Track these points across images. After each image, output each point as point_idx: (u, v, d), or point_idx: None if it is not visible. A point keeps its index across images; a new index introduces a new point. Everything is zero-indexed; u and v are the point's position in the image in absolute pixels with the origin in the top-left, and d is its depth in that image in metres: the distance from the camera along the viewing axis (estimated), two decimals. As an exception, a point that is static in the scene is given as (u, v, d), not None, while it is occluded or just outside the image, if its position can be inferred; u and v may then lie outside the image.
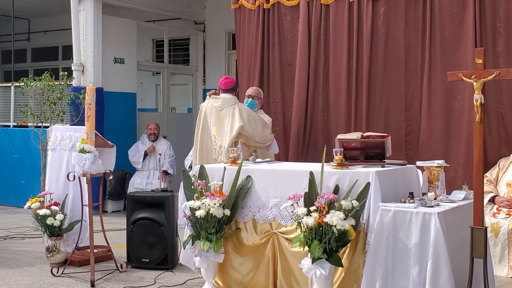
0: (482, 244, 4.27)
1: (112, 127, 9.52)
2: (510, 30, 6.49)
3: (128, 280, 5.82)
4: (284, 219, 4.98)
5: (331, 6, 7.42)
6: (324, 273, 4.53)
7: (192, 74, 12.00)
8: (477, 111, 4.32)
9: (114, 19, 10.26)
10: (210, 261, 5.15)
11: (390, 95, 7.09)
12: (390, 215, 4.43)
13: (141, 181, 9.63)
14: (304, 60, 7.52)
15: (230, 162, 5.39)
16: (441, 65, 6.73)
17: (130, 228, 6.31)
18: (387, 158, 5.10)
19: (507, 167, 6.37)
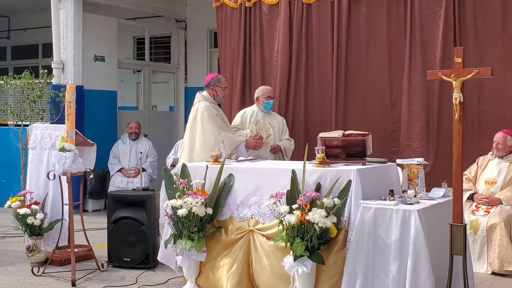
0: (461, 241, 4.32)
1: (93, 125, 9.46)
2: (488, 29, 6.56)
3: (109, 280, 5.80)
4: (262, 217, 4.99)
5: (313, 6, 7.44)
6: (306, 271, 4.55)
7: (174, 72, 11.96)
8: (456, 109, 4.37)
9: (94, 17, 10.20)
10: (192, 260, 5.15)
11: (375, 93, 7.13)
12: (371, 213, 4.47)
13: (122, 180, 9.58)
14: (285, 59, 7.53)
15: (212, 160, 5.40)
16: (420, 64, 6.78)
17: (111, 227, 6.28)
18: (368, 156, 5.14)
19: (485, 165, 6.44)
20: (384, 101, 7.08)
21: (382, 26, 7.08)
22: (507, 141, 6.32)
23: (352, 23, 7.22)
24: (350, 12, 7.22)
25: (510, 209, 6.06)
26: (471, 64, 5.42)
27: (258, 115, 6.84)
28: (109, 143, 9.83)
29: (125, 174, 9.63)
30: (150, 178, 9.64)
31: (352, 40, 7.24)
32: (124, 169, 9.67)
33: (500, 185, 6.27)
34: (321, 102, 7.44)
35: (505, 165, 6.31)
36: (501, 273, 5.87)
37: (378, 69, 7.12)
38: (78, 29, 9.50)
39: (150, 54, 11.80)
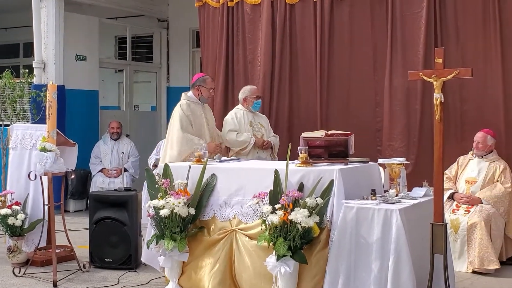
0: (442, 240, 4.36)
1: (74, 125, 9.40)
2: (469, 29, 6.61)
3: (91, 280, 5.77)
4: (245, 217, 5.00)
5: (296, 6, 7.46)
6: (288, 270, 4.57)
7: (156, 71, 11.92)
8: (437, 109, 4.41)
9: (76, 16, 10.13)
10: (175, 260, 5.15)
11: (360, 93, 7.16)
12: (353, 212, 4.49)
13: (103, 180, 9.53)
14: (268, 59, 7.54)
15: (195, 160, 5.39)
16: (402, 64, 6.83)
17: (93, 228, 6.25)
18: (353, 155, 5.17)
19: (466, 164, 6.50)
20: (369, 100, 7.11)
21: (365, 26, 7.11)
22: (487, 141, 6.38)
23: (335, 23, 7.24)
24: (333, 12, 7.24)
25: (490, 208, 6.12)
26: (453, 65, 5.47)
27: (249, 116, 6.80)
28: (90, 143, 9.78)
29: (106, 174, 9.59)
30: (132, 178, 9.60)
31: (336, 41, 7.26)
32: (106, 169, 9.62)
33: (480, 184, 6.33)
34: (305, 102, 7.45)
35: (485, 165, 6.37)
36: (481, 271, 5.92)
37: (363, 69, 7.15)
38: (60, 28, 9.43)
39: (132, 53, 11.75)
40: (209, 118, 6.52)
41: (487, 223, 6.02)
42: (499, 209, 6.14)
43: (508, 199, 6.20)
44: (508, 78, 6.43)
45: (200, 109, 6.37)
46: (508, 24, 6.41)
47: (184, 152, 6.01)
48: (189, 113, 6.25)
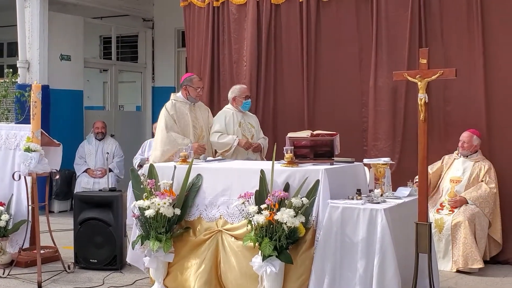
0: (426, 239, 4.39)
1: (58, 125, 9.35)
2: (454, 30, 6.66)
3: (76, 281, 5.74)
4: (231, 217, 5.00)
5: (282, 6, 7.47)
6: (274, 270, 4.57)
7: (141, 71, 11.89)
8: (421, 109, 4.45)
9: (60, 15, 10.08)
10: (160, 261, 5.14)
11: (346, 93, 7.17)
12: (338, 212, 4.51)
13: (88, 181, 9.49)
14: (254, 59, 7.54)
15: (180, 160, 5.38)
16: (387, 65, 6.86)
17: (78, 228, 6.22)
18: (339, 155, 5.19)
19: (451, 164, 6.55)
20: (355, 101, 7.13)
21: (351, 27, 7.13)
22: (473, 141, 6.42)
23: (321, 23, 7.26)
24: (319, 13, 7.26)
25: (475, 208, 6.17)
26: (437, 65, 5.51)
27: (238, 116, 6.71)
28: (75, 143, 9.73)
29: (91, 175, 9.54)
30: (117, 179, 9.57)
31: (322, 41, 7.28)
32: (90, 169, 9.58)
33: (464, 184, 6.37)
34: (290, 102, 7.46)
35: (470, 164, 6.41)
36: (466, 271, 5.96)
37: (349, 70, 7.17)
38: (44, 28, 9.38)
39: (117, 53, 11.71)
40: (200, 118, 6.48)
41: (471, 223, 6.06)
42: (484, 210, 6.18)
43: (493, 200, 6.25)
44: (490, 79, 6.48)
45: (187, 109, 6.36)
46: (491, 26, 6.46)
47: (167, 152, 6.02)
48: (173, 113, 6.26)
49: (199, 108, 6.55)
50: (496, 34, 6.46)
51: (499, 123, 6.48)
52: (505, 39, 6.43)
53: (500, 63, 6.46)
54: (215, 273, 5.04)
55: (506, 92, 6.44)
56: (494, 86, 6.49)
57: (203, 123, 6.50)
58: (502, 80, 6.45)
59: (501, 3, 6.43)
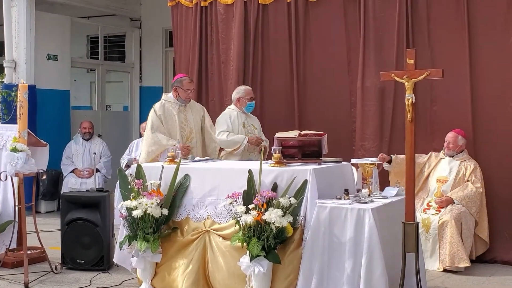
0: (413, 239, 4.41)
1: (45, 125, 9.31)
2: (441, 31, 6.69)
3: (63, 282, 5.72)
4: (218, 217, 4.99)
5: (269, 7, 7.48)
6: (262, 270, 4.58)
7: (128, 71, 11.85)
8: (408, 110, 4.47)
9: (47, 15, 10.03)
10: (148, 261, 5.12)
11: (335, 94, 7.19)
12: (326, 212, 4.52)
13: (75, 181, 9.45)
14: (241, 60, 7.54)
15: (168, 161, 5.38)
16: (374, 65, 6.89)
17: (65, 229, 6.19)
18: (327, 155, 5.20)
19: (437, 163, 6.57)
20: (344, 101, 7.15)
21: (339, 27, 7.15)
22: (458, 141, 6.46)
23: (309, 24, 7.28)
24: (307, 13, 7.28)
25: (461, 208, 6.21)
26: (425, 66, 5.54)
27: (242, 117, 6.68)
28: (62, 143, 9.69)
29: (78, 175, 9.50)
30: (104, 179, 9.53)
31: (310, 41, 7.30)
32: (78, 169, 9.54)
33: (451, 184, 6.41)
34: (278, 102, 7.48)
35: (456, 164, 6.45)
36: (452, 269, 6.00)
37: (337, 70, 7.19)
38: (31, 27, 9.34)
39: (104, 53, 11.66)
40: (190, 118, 6.43)
41: (458, 222, 6.09)
42: (471, 209, 6.22)
43: (479, 199, 6.29)
44: (476, 79, 6.53)
45: (176, 110, 6.34)
46: (477, 26, 6.50)
47: (152, 152, 6.03)
48: (160, 113, 6.25)
49: (191, 108, 6.51)
50: (482, 35, 6.50)
51: (485, 123, 6.53)
52: (491, 40, 6.48)
53: (485, 63, 6.50)
54: (202, 273, 5.04)
55: (492, 93, 6.49)
56: (479, 86, 6.53)
57: (193, 124, 6.44)
58: (488, 80, 6.50)
59: (487, 4, 6.48)
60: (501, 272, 6.08)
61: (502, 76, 6.44)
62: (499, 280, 5.79)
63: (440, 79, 4.92)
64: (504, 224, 6.44)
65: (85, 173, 9.49)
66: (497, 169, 6.47)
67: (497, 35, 6.45)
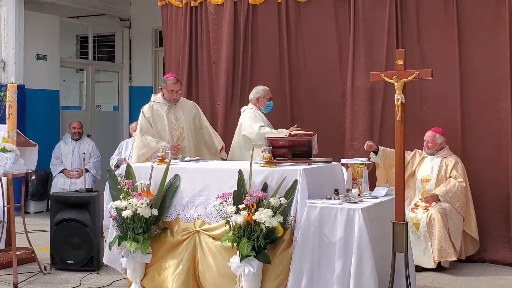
0: (403, 238, 4.43)
1: (34, 125, 9.28)
2: (430, 31, 6.72)
3: (53, 282, 5.70)
4: (209, 217, 4.99)
5: (259, 7, 7.48)
6: (252, 271, 4.58)
7: (118, 71, 11.82)
8: (398, 110, 4.48)
9: (36, 15, 9.99)
10: (137, 261, 5.11)
11: (326, 94, 7.20)
12: (316, 212, 4.53)
13: (64, 181, 9.40)
14: (230, 60, 7.54)
15: (158, 161, 5.36)
16: (364, 65, 6.91)
17: (54, 229, 6.17)
18: (317, 155, 5.21)
19: (420, 161, 6.55)
20: (335, 101, 7.16)
21: (330, 28, 7.15)
22: (436, 139, 6.47)
23: (300, 24, 7.29)
24: (299, 13, 7.29)
25: (446, 204, 6.20)
26: (415, 66, 5.56)
27: (262, 116, 6.64)
28: (51, 143, 9.65)
29: (67, 175, 9.46)
30: (94, 179, 9.50)
31: (301, 42, 7.31)
32: (67, 170, 9.50)
33: (434, 182, 6.40)
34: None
35: (437, 162, 6.44)
36: (441, 263, 6.01)
37: (328, 70, 7.20)
38: (20, 27, 9.31)
39: (94, 53, 11.63)
40: (181, 117, 6.32)
41: (444, 217, 6.09)
42: (455, 204, 6.21)
43: (464, 194, 6.28)
44: (465, 79, 6.56)
45: (164, 110, 6.27)
46: (465, 26, 6.54)
47: (142, 156, 6.00)
48: (149, 115, 6.21)
49: (181, 107, 6.39)
50: (471, 34, 6.54)
51: (473, 122, 6.56)
52: (480, 39, 6.51)
53: (474, 63, 6.54)
54: (192, 274, 5.03)
55: (481, 93, 6.52)
56: (469, 86, 6.57)
57: (185, 123, 6.34)
58: (477, 79, 6.53)
59: (476, 3, 6.51)
60: (490, 271, 6.11)
61: (491, 76, 6.48)
62: (488, 280, 5.82)
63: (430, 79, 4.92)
64: (492, 224, 6.48)
65: (75, 173, 9.45)
66: (485, 168, 6.51)
67: (486, 34, 6.49)
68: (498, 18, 6.42)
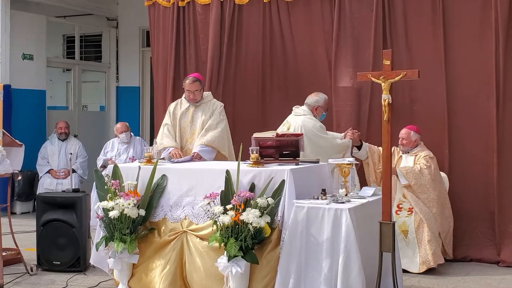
0: (390, 238, 4.45)
1: (20, 125, 9.23)
2: (418, 31, 6.75)
3: (39, 283, 5.67)
4: (196, 218, 4.98)
5: (245, 7, 7.48)
6: (240, 271, 4.58)
7: (105, 71, 11.77)
8: (385, 110, 4.50)
9: (22, 14, 9.93)
10: (124, 262, 5.09)
11: None
12: (303, 212, 4.54)
13: (51, 182, 9.35)
14: (216, 60, 7.53)
15: (145, 161, 5.35)
16: (352, 65, 6.92)
17: (40, 230, 6.13)
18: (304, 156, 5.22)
19: (398, 160, 6.51)
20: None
21: (317, 28, 7.17)
22: (411, 137, 6.45)
23: (287, 24, 7.30)
24: (287, 13, 7.30)
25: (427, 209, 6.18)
26: (403, 66, 5.58)
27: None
28: (37, 143, 9.59)
29: (54, 176, 9.41)
30: (81, 180, 9.45)
31: (287, 42, 7.32)
32: (53, 170, 9.44)
33: None
34: (254, 103, 7.49)
35: (411, 159, 6.42)
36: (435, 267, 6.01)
37: (315, 70, 7.21)
38: (6, 26, 9.25)
39: (81, 52, 11.58)
40: (199, 119, 6.11)
41: (429, 221, 6.09)
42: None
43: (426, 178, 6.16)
44: (451, 79, 6.60)
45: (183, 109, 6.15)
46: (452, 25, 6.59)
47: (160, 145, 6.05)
48: (171, 110, 6.21)
49: (202, 109, 6.14)
50: (457, 34, 6.58)
51: (459, 122, 6.60)
52: (465, 39, 6.56)
53: (459, 61, 6.58)
54: (180, 274, 5.02)
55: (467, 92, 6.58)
56: (454, 86, 6.61)
57: (199, 125, 6.10)
58: (463, 80, 6.58)
59: (463, 2, 6.55)
60: (476, 271, 6.15)
61: (477, 76, 6.53)
62: (475, 279, 5.85)
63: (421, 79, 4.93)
64: (476, 222, 6.51)
65: (61, 174, 9.39)
66: (471, 167, 6.54)
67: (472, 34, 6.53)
68: (485, 20, 6.46)
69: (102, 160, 8.61)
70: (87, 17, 11.41)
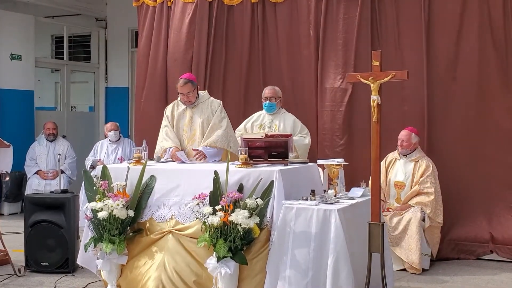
0: (379, 239, 4.46)
1: (9, 126, 9.19)
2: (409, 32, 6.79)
3: (27, 285, 5.63)
4: (182, 217, 4.97)
5: (235, 7, 7.48)
6: (229, 272, 4.58)
7: (94, 71, 11.73)
8: (374, 111, 4.51)
9: (10, 14, 9.89)
10: (113, 263, 5.08)
11: (301, 93, 7.22)
12: (292, 212, 4.54)
13: (39, 183, 9.29)
14: (202, 60, 7.53)
15: (134, 162, 5.33)
16: (342, 66, 6.94)
17: (28, 231, 6.09)
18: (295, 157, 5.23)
19: (393, 164, 6.53)
20: (310, 102, 7.17)
21: (304, 28, 7.19)
22: (411, 139, 6.44)
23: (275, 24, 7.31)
24: (271, 14, 7.31)
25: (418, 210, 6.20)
26: (393, 67, 5.60)
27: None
28: (26, 144, 9.54)
29: (42, 177, 9.35)
30: (69, 180, 9.41)
31: (275, 42, 7.33)
32: (42, 171, 9.39)
33: (408, 190, 6.36)
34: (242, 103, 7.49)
35: (410, 167, 6.39)
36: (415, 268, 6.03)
37: (303, 71, 7.22)
38: (-7, 26, 9.21)
39: (69, 53, 11.53)
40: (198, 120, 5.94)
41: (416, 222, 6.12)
42: (426, 210, 6.21)
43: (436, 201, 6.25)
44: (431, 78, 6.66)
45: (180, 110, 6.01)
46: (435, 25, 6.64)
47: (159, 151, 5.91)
48: (168, 113, 6.05)
49: (200, 109, 5.98)
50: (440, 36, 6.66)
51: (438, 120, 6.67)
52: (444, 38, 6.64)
53: (439, 61, 6.65)
54: (165, 273, 4.99)
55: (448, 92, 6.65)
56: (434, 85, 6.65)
57: (198, 125, 5.95)
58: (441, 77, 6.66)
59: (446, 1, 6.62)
60: (465, 271, 6.17)
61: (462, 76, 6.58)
62: (463, 279, 5.88)
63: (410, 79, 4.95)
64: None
65: (50, 175, 9.34)
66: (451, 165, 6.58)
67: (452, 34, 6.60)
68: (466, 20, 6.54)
69: (91, 161, 8.58)
70: (76, 17, 11.37)
